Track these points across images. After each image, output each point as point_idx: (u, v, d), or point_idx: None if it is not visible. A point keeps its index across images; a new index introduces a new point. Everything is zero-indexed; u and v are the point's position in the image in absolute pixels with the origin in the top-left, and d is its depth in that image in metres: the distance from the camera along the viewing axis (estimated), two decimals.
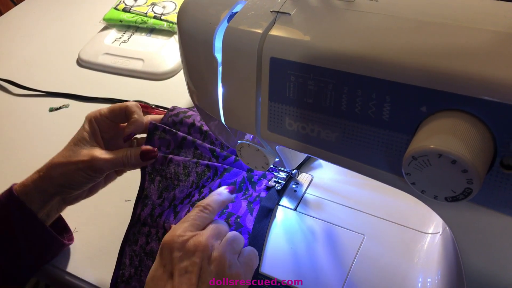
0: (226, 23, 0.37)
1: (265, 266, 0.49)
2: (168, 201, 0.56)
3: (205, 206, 0.46)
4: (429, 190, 0.28)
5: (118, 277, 0.56)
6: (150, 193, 0.57)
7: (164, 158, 0.57)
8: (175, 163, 0.56)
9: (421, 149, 0.27)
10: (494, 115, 0.27)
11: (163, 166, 0.57)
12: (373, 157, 0.33)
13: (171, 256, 0.41)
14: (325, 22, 0.33)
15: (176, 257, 0.41)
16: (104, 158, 0.52)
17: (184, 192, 0.56)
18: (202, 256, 0.41)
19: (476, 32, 0.29)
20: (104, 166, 0.52)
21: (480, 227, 0.32)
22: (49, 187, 0.52)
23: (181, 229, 0.43)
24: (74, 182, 0.52)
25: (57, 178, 0.52)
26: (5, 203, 0.52)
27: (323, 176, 0.56)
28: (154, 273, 0.42)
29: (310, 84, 0.33)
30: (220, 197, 0.48)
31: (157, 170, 0.57)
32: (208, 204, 0.46)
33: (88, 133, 0.54)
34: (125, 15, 0.97)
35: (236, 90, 0.38)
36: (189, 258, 0.41)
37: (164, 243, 0.42)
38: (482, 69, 0.27)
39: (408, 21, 0.31)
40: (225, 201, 0.48)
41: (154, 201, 0.56)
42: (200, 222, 0.44)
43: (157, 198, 0.56)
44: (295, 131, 0.36)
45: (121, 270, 0.56)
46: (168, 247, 0.42)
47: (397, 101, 0.30)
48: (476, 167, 0.26)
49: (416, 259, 0.45)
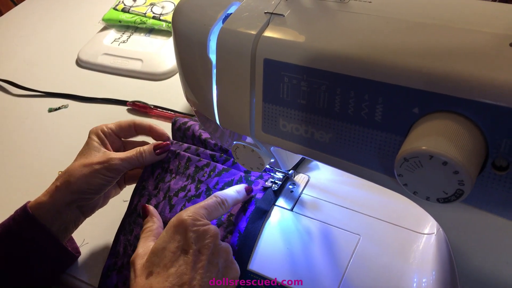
0: (220, 24, 0.37)
1: (260, 265, 0.49)
2: (163, 192, 0.56)
3: (223, 200, 0.48)
4: (421, 191, 0.29)
5: (110, 265, 0.56)
6: (147, 184, 0.58)
7: (173, 153, 0.58)
8: (182, 156, 0.58)
9: (412, 150, 0.27)
10: (486, 117, 0.27)
11: (170, 159, 0.58)
12: (366, 158, 0.33)
13: (186, 235, 0.43)
14: (319, 24, 0.33)
15: (192, 237, 0.43)
16: (120, 157, 0.53)
17: (179, 184, 0.56)
18: (214, 241, 0.43)
19: (469, 33, 0.29)
20: (120, 166, 0.53)
21: (472, 227, 0.32)
22: (66, 196, 0.52)
23: (198, 214, 0.44)
24: (92, 185, 0.53)
25: (75, 183, 0.52)
26: (18, 220, 0.52)
27: (320, 177, 0.56)
28: (165, 244, 0.43)
29: (303, 85, 0.33)
30: (238, 196, 0.50)
31: (161, 161, 0.58)
32: (226, 199, 0.48)
33: (97, 142, 0.55)
34: (124, 16, 0.98)
35: (231, 91, 0.38)
36: (203, 241, 0.43)
37: (181, 221, 0.43)
38: (474, 70, 0.27)
39: (401, 22, 0.31)
40: (241, 200, 0.51)
41: (150, 192, 0.57)
42: (214, 214, 0.47)
43: (153, 189, 0.57)
44: (289, 132, 0.36)
45: (114, 259, 0.56)
46: (184, 226, 0.43)
47: (390, 102, 0.30)
48: (467, 169, 0.26)
49: (411, 260, 0.45)
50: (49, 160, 0.75)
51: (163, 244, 0.43)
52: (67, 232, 0.55)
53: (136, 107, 0.81)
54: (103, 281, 0.56)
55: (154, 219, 0.50)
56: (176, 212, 0.54)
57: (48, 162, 0.74)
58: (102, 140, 0.56)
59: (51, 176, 0.72)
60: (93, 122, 0.81)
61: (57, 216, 0.53)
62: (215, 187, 0.55)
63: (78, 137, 0.78)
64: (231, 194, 0.49)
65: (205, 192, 0.55)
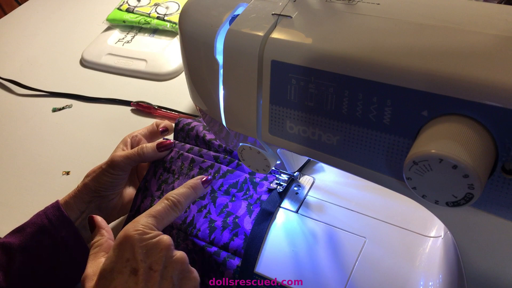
0: (227, 26, 0.37)
1: (266, 267, 0.49)
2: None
3: (175, 202, 0.45)
4: (430, 194, 0.28)
5: None
6: (150, 184, 0.58)
7: (176, 153, 0.58)
8: (185, 157, 0.57)
9: (422, 153, 0.27)
10: (495, 120, 0.26)
11: (172, 159, 0.58)
12: (374, 161, 0.33)
13: (133, 252, 0.40)
14: (326, 25, 0.33)
15: (140, 253, 0.40)
16: (120, 155, 0.56)
17: None
18: (165, 254, 0.40)
19: (478, 36, 0.29)
20: (121, 162, 0.55)
21: (481, 231, 0.31)
22: (85, 195, 0.55)
23: (146, 225, 0.42)
24: (102, 184, 0.55)
25: (89, 183, 0.55)
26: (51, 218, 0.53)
27: (325, 179, 0.56)
28: (113, 265, 0.40)
29: (311, 87, 0.33)
30: (193, 192, 0.48)
31: (163, 162, 0.58)
32: (179, 200, 0.45)
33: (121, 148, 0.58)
34: (128, 16, 0.98)
35: (237, 92, 0.38)
36: (153, 256, 0.40)
37: (127, 236, 0.40)
38: (484, 73, 0.26)
39: (410, 24, 0.31)
40: (199, 195, 0.49)
41: (153, 193, 0.57)
42: (166, 220, 0.44)
43: (156, 190, 0.57)
44: (296, 134, 0.36)
45: None
46: (131, 243, 0.40)
47: (398, 105, 0.30)
48: (477, 172, 0.25)
49: (418, 263, 0.45)
50: (53, 159, 0.75)
51: (110, 265, 0.40)
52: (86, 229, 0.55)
53: (140, 108, 0.81)
54: None
55: (102, 231, 0.46)
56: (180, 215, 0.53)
57: (52, 162, 0.74)
58: (126, 143, 0.59)
59: (55, 175, 0.72)
60: (97, 122, 0.81)
61: (79, 213, 0.55)
62: (220, 189, 0.55)
63: (82, 137, 0.78)
64: (184, 192, 0.47)
65: (210, 194, 0.54)
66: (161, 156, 0.58)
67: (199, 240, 0.51)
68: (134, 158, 0.56)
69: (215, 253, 0.50)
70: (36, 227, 0.52)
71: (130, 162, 0.56)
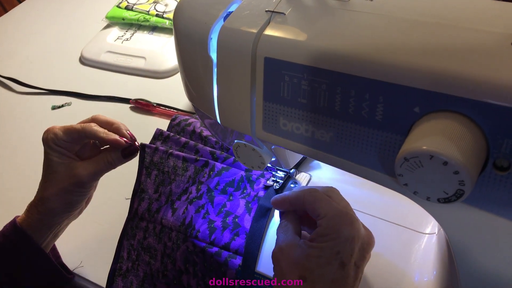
0: (221, 23, 0.37)
1: (263, 265, 0.49)
2: (165, 196, 0.56)
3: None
4: (421, 191, 0.28)
5: (116, 270, 0.56)
6: (146, 187, 0.57)
7: (165, 153, 0.57)
8: (175, 157, 0.57)
9: (412, 150, 0.27)
10: (487, 117, 0.26)
11: (162, 159, 0.57)
12: (367, 157, 0.33)
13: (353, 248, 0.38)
14: (320, 22, 0.33)
15: (356, 251, 0.39)
16: (87, 172, 0.51)
17: (181, 187, 0.56)
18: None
19: (470, 32, 0.28)
20: (90, 179, 0.52)
21: (473, 227, 0.31)
22: (54, 219, 0.52)
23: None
24: (72, 203, 0.52)
25: (57, 208, 0.51)
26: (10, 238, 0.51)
27: (321, 176, 0.56)
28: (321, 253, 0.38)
29: (304, 84, 0.33)
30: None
31: (155, 163, 0.58)
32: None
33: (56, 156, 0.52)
34: (127, 13, 0.98)
35: (231, 89, 0.38)
36: (364, 256, 0.40)
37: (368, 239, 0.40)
38: (475, 70, 0.26)
39: (403, 21, 0.31)
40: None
41: (150, 196, 0.57)
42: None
43: (153, 193, 0.57)
44: (289, 131, 0.36)
45: (119, 263, 0.56)
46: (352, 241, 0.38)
47: (390, 101, 0.30)
48: (468, 169, 0.25)
49: (412, 259, 0.45)
50: None
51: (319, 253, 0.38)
52: (56, 237, 0.55)
53: (139, 105, 0.81)
54: (109, 286, 0.56)
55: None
56: (178, 216, 0.53)
57: None
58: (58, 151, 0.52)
59: None
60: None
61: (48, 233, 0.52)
62: (216, 188, 0.55)
63: None
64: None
65: (206, 193, 0.54)
66: (129, 160, 0.53)
67: (199, 241, 0.51)
68: (103, 172, 0.53)
69: (216, 253, 0.49)
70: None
71: (100, 176, 0.53)
